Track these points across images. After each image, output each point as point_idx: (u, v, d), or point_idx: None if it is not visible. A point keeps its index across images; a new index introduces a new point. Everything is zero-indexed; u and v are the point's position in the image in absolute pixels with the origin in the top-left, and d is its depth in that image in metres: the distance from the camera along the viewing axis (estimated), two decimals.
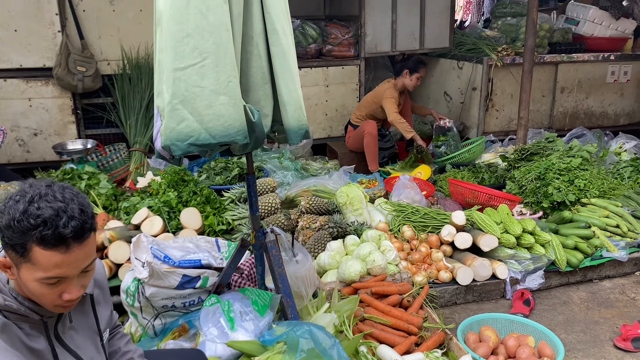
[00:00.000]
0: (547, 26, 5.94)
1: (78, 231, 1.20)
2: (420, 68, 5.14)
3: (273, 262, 2.22)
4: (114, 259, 2.92)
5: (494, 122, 5.81)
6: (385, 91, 5.07)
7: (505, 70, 5.64)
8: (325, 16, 6.70)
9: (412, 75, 5.10)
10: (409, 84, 5.14)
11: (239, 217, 3.49)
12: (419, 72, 5.13)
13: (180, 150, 1.78)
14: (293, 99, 1.95)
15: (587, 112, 6.14)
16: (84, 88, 4.78)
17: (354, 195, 3.58)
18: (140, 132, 4.94)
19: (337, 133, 5.86)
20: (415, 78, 5.13)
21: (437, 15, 5.98)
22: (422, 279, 3.02)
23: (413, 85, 5.16)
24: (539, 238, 3.31)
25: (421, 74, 5.17)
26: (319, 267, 3.10)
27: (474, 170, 4.60)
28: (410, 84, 5.15)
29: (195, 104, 1.74)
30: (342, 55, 5.76)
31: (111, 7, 4.84)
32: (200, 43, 1.72)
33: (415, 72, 5.10)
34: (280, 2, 1.90)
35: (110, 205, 3.66)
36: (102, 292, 1.56)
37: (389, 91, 5.05)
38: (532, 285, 3.20)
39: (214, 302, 2.24)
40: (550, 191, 3.82)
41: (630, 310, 3.08)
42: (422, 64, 5.17)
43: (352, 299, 2.61)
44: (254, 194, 2.23)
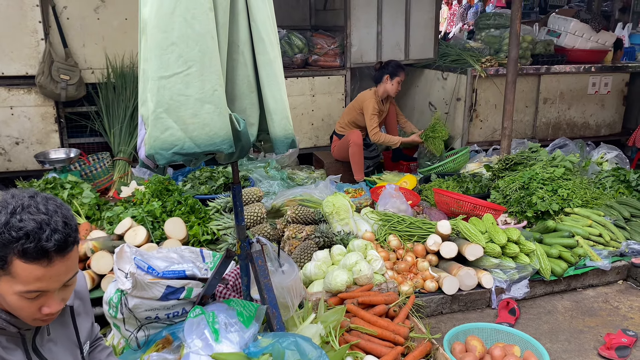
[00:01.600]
0: (529, 38, 6.03)
1: (61, 244, 1.17)
2: (400, 72, 5.12)
3: (259, 272, 2.20)
4: (97, 269, 2.87)
5: (478, 132, 5.86)
6: (367, 103, 5.03)
7: (489, 81, 5.71)
8: (312, 26, 6.73)
9: (393, 79, 5.09)
10: (390, 90, 5.13)
11: (224, 227, 3.46)
12: (399, 76, 5.11)
13: (164, 159, 1.76)
14: (279, 108, 1.95)
15: (569, 122, 6.23)
16: (68, 96, 4.73)
17: (340, 204, 3.58)
18: (125, 141, 4.89)
19: (324, 142, 5.86)
20: (396, 82, 5.11)
21: (421, 27, 6.04)
22: (408, 289, 3.02)
23: (395, 90, 5.15)
24: (524, 247, 3.34)
25: (401, 77, 5.14)
26: (305, 277, 3.08)
27: (459, 179, 4.63)
28: (392, 89, 5.14)
29: (180, 112, 1.73)
30: (328, 65, 5.79)
31: (96, 15, 4.81)
32: (185, 51, 1.71)
33: (395, 76, 5.09)
34: (267, 11, 1.90)
35: (94, 215, 3.60)
36: (83, 304, 1.52)
37: (370, 104, 5.01)
38: (517, 294, 3.21)
39: (199, 313, 2.21)
40: (534, 200, 3.86)
41: (614, 318, 3.11)
42: (401, 68, 5.14)
43: (338, 309, 2.60)
44: (240, 203, 2.21)
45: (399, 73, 5.10)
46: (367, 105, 5.03)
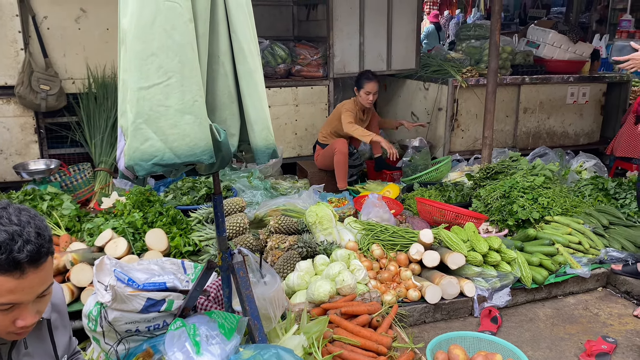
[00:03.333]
0: (509, 49, 6.13)
1: (34, 255, 1.15)
2: (364, 82, 4.97)
3: (240, 283, 2.18)
4: (76, 282, 2.83)
5: (460, 141, 5.92)
6: (344, 105, 5.08)
7: (470, 91, 5.78)
8: (294, 37, 6.76)
9: (359, 91, 5.03)
10: (362, 101, 5.04)
11: (206, 238, 3.44)
12: (365, 87, 4.96)
13: (144, 170, 1.75)
14: (260, 118, 1.95)
15: (549, 132, 6.33)
16: (48, 107, 4.67)
17: (324, 214, 3.58)
18: (106, 152, 4.85)
19: (307, 152, 5.87)
20: (364, 93, 4.98)
21: (403, 38, 6.11)
22: (391, 298, 3.02)
23: (365, 101, 5.03)
24: (505, 255, 3.37)
25: (369, 88, 4.96)
26: (288, 288, 3.07)
27: (441, 188, 4.66)
28: (363, 101, 5.03)
29: (159, 123, 1.72)
30: (311, 75, 5.81)
31: (77, 25, 4.78)
32: (165, 62, 1.70)
33: (361, 88, 4.99)
34: (247, 22, 1.90)
35: (74, 227, 3.56)
36: (61, 317, 1.50)
37: (347, 104, 5.05)
38: (499, 302, 3.23)
39: (179, 325, 2.19)
40: (515, 209, 3.90)
41: (594, 325, 3.15)
42: (366, 79, 4.98)
43: (321, 320, 2.59)
44: (221, 214, 2.20)
45: (363, 84, 4.98)
46: (344, 107, 5.03)
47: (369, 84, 4.97)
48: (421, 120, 6.10)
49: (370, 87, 4.98)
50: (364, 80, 4.99)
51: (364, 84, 4.99)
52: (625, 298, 3.47)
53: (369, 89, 4.98)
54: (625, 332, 3.08)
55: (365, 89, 4.98)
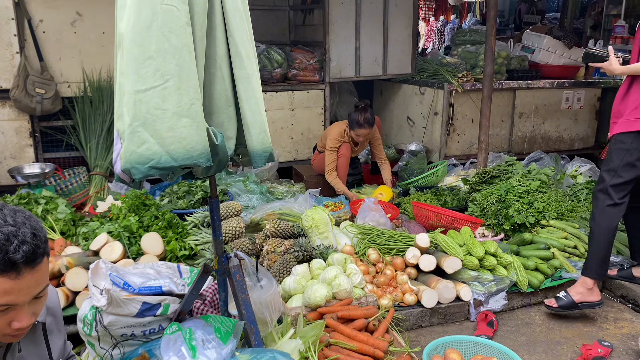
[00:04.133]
0: (504, 54, 6.16)
1: (29, 256, 1.14)
2: (355, 128, 4.75)
3: (236, 287, 2.18)
4: (71, 286, 2.81)
5: (456, 146, 5.94)
6: (332, 130, 4.89)
7: (466, 96, 5.80)
8: (291, 41, 6.77)
9: (351, 131, 4.83)
10: (354, 138, 4.86)
11: (202, 242, 3.43)
12: (354, 131, 4.78)
13: (140, 173, 1.74)
14: (257, 122, 1.95)
15: (544, 136, 6.35)
16: (43, 110, 4.65)
17: (320, 218, 3.58)
18: (101, 156, 4.83)
19: (303, 156, 5.87)
20: (354, 135, 4.81)
21: (399, 43, 6.13)
22: (387, 302, 3.02)
23: (357, 140, 4.86)
24: (501, 260, 3.37)
25: (358, 132, 4.75)
26: (284, 292, 3.06)
27: (437, 193, 4.67)
28: (355, 138, 4.86)
29: (156, 126, 1.72)
30: (307, 79, 5.82)
31: (72, 28, 4.77)
32: (162, 65, 1.70)
33: (352, 130, 4.82)
34: (244, 26, 1.91)
35: (69, 231, 3.54)
36: (55, 321, 1.49)
37: (334, 132, 4.85)
38: (495, 306, 3.23)
39: (175, 330, 2.18)
40: (510, 213, 3.91)
41: (590, 329, 3.15)
42: (357, 124, 4.72)
43: (317, 324, 2.58)
44: (217, 217, 2.20)
45: (354, 128, 4.77)
46: (330, 134, 4.87)
47: (360, 130, 4.77)
48: (417, 125, 6.12)
49: (360, 132, 4.78)
50: (355, 125, 4.75)
51: (354, 127, 4.77)
52: (620, 302, 3.48)
53: (359, 133, 4.79)
54: (621, 336, 3.08)
55: (356, 133, 4.80)
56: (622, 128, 3.01)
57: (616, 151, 3.03)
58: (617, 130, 3.04)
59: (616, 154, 3.03)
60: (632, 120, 2.97)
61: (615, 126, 3.07)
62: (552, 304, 3.25)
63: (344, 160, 4.88)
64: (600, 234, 3.10)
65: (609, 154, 3.09)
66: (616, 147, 3.04)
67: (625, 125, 2.99)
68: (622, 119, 3.01)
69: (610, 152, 3.08)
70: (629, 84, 3.03)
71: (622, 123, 3.02)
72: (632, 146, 2.97)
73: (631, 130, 2.96)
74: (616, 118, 3.08)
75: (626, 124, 2.99)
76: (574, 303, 3.18)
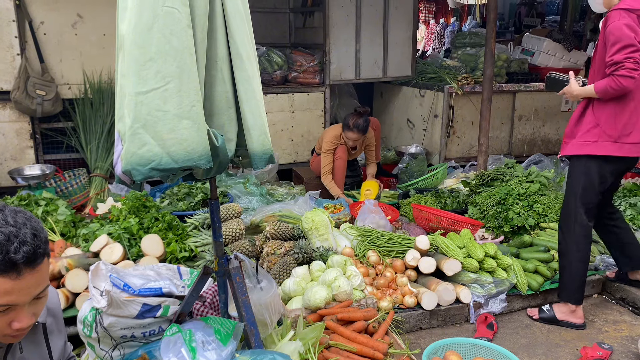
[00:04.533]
0: (504, 56, 6.17)
1: (30, 256, 1.15)
2: (346, 130, 4.78)
3: (236, 289, 2.18)
4: (71, 287, 2.81)
5: (456, 148, 5.95)
6: (328, 133, 4.93)
7: (466, 98, 5.81)
8: (291, 44, 6.79)
9: (343, 132, 4.85)
10: (346, 141, 4.88)
11: (202, 244, 3.43)
12: (344, 133, 4.81)
13: (141, 175, 1.74)
14: (257, 124, 1.96)
15: (544, 139, 6.36)
16: (44, 112, 4.66)
17: (320, 220, 3.58)
18: (102, 157, 4.84)
19: (303, 158, 5.88)
20: (345, 137, 4.83)
21: (399, 45, 6.14)
22: (387, 305, 3.02)
23: (350, 143, 4.87)
24: (501, 262, 3.37)
25: (346, 135, 4.79)
26: (284, 294, 3.06)
27: (437, 195, 4.67)
28: (347, 141, 4.87)
29: (157, 128, 1.72)
30: (307, 82, 5.83)
31: (73, 30, 4.78)
32: (163, 67, 1.71)
33: (343, 131, 4.85)
34: (245, 28, 1.91)
35: (69, 232, 3.54)
36: (56, 321, 1.49)
37: (329, 135, 4.88)
38: (495, 309, 3.24)
39: (175, 331, 2.18)
40: (510, 216, 3.91)
41: (590, 332, 3.15)
42: (347, 128, 4.76)
43: (317, 326, 2.58)
44: (217, 219, 2.20)
45: (344, 130, 4.80)
46: (326, 136, 4.90)
47: (348, 133, 4.79)
48: (417, 127, 6.13)
49: (348, 135, 4.80)
50: (345, 127, 4.80)
51: (344, 129, 4.82)
52: (620, 305, 3.48)
53: (348, 136, 4.81)
54: (620, 338, 3.08)
55: (345, 135, 4.83)
56: (573, 150, 2.97)
57: (575, 175, 3.01)
58: (567, 152, 3.01)
59: (575, 178, 3.00)
60: (582, 144, 2.92)
61: (566, 147, 3.02)
62: (534, 314, 3.28)
63: (340, 162, 4.89)
64: (574, 259, 3.06)
65: (569, 178, 3.05)
66: (574, 171, 3.01)
67: (576, 148, 2.95)
68: (574, 141, 2.97)
69: (570, 177, 3.04)
70: (585, 106, 2.97)
71: (573, 145, 2.97)
72: (587, 169, 2.94)
73: (581, 153, 2.93)
74: (568, 139, 3.03)
75: (577, 147, 2.95)
76: (555, 319, 3.20)
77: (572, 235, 3.05)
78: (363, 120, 4.77)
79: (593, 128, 2.90)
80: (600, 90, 2.82)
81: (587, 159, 2.94)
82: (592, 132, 2.90)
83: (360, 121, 4.75)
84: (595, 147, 2.89)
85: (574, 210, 3.03)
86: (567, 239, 3.08)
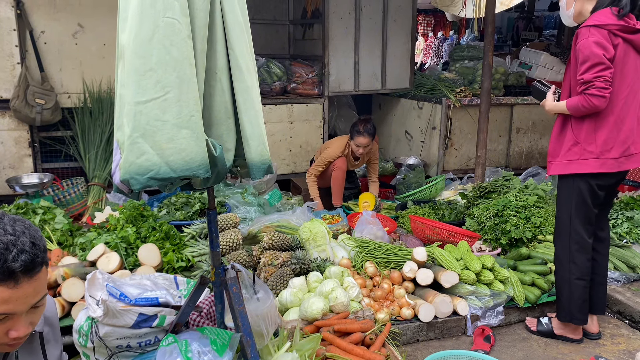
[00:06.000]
0: (502, 70, 6.21)
1: (28, 265, 1.15)
2: (355, 136, 4.79)
3: (233, 299, 2.17)
4: (68, 297, 2.80)
5: (453, 160, 5.96)
6: (330, 144, 5.02)
7: (463, 111, 5.84)
8: (290, 55, 6.83)
9: (351, 140, 4.87)
10: (354, 150, 4.89)
11: (199, 254, 3.43)
12: (354, 140, 4.81)
13: (139, 184, 1.75)
14: (256, 134, 1.96)
15: (541, 152, 6.38)
16: (43, 121, 4.67)
17: (317, 231, 3.58)
18: (100, 167, 4.84)
19: (301, 169, 5.89)
20: (354, 145, 4.83)
21: (398, 58, 6.18)
22: (384, 316, 3.01)
23: (356, 152, 4.87)
24: (498, 274, 3.37)
25: (357, 142, 4.78)
26: (281, 305, 3.06)
27: (435, 207, 4.68)
28: (355, 150, 4.88)
29: (156, 137, 1.73)
30: (306, 93, 5.86)
31: (74, 40, 4.81)
32: (163, 77, 1.72)
33: (352, 139, 4.86)
34: (244, 39, 1.93)
35: (66, 241, 3.53)
36: (53, 331, 1.49)
37: (331, 147, 4.95)
38: (492, 321, 3.23)
39: (171, 341, 2.17)
40: (508, 228, 3.92)
41: (587, 345, 3.14)
42: (357, 132, 4.77)
43: (314, 337, 2.58)
44: (215, 229, 2.20)
45: (354, 137, 4.81)
46: (332, 146, 4.95)
47: (359, 139, 4.79)
48: (415, 139, 6.15)
49: (359, 141, 4.79)
50: (355, 133, 4.80)
51: (354, 136, 4.82)
52: (617, 318, 3.48)
53: (359, 142, 4.80)
54: (617, 352, 3.08)
55: (355, 142, 4.82)
56: (558, 170, 2.94)
57: (565, 194, 2.96)
58: (553, 172, 2.97)
59: (566, 197, 2.95)
60: (566, 163, 2.89)
61: (552, 166, 2.99)
62: (532, 325, 3.26)
63: (339, 173, 4.90)
64: (573, 279, 2.99)
65: (559, 197, 3.00)
66: (564, 191, 2.97)
67: (561, 167, 2.92)
68: (558, 160, 2.93)
69: (560, 196, 3.00)
70: (562, 122, 2.94)
71: (557, 165, 2.94)
72: (577, 187, 2.90)
73: (567, 173, 2.90)
74: (552, 157, 2.98)
75: (561, 167, 2.92)
76: (553, 333, 3.18)
77: (567, 253, 2.98)
78: (371, 125, 4.83)
79: (573, 146, 2.86)
80: (572, 107, 2.79)
81: (574, 178, 2.90)
82: (572, 150, 2.86)
83: (369, 126, 4.80)
84: (578, 165, 2.85)
85: (568, 228, 2.96)
86: (562, 257, 3.02)
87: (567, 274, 3.01)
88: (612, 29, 2.68)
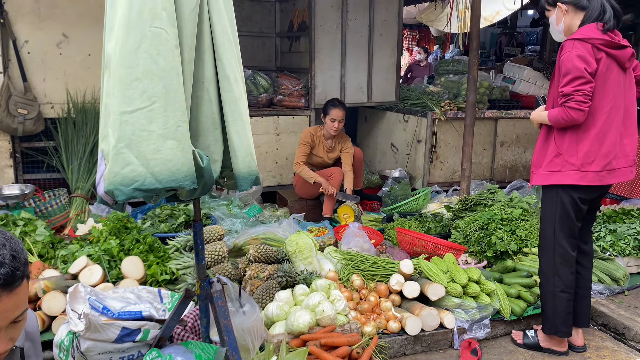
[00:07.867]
0: (486, 84, 6.29)
1: (8, 279, 1.11)
2: (329, 108, 4.97)
3: (219, 313, 2.14)
4: (48, 310, 2.74)
5: (439, 173, 6.00)
6: (303, 134, 5.14)
7: (449, 124, 5.89)
8: (277, 68, 6.85)
9: (325, 117, 5.03)
10: (327, 127, 5.04)
11: (183, 267, 3.38)
12: (329, 114, 4.97)
13: (124, 195, 1.72)
14: (243, 145, 1.95)
15: (525, 165, 6.45)
16: (25, 131, 4.61)
17: (304, 243, 3.56)
18: (83, 178, 4.77)
19: (287, 181, 5.88)
20: (328, 120, 4.98)
21: (383, 71, 6.23)
22: (371, 330, 2.99)
23: (330, 127, 5.01)
24: (484, 287, 3.37)
25: (332, 115, 4.94)
26: (267, 318, 3.02)
27: (421, 219, 4.69)
28: (328, 127, 5.03)
29: (141, 147, 1.71)
30: (292, 105, 5.87)
31: (58, 50, 4.76)
32: (149, 87, 1.70)
33: (326, 114, 5.01)
34: (232, 50, 1.92)
35: (47, 254, 3.47)
36: (34, 346, 1.44)
37: (305, 134, 5.11)
38: (478, 334, 3.22)
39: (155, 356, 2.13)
40: (493, 240, 3.94)
41: (572, 358, 3.15)
42: (332, 105, 4.98)
43: (300, 351, 2.54)
44: (201, 241, 2.17)
45: (328, 110, 4.98)
46: (301, 138, 5.11)
47: (334, 111, 4.95)
48: (401, 152, 6.18)
49: (334, 113, 4.94)
50: (329, 106, 4.99)
51: (329, 110, 4.98)
52: (602, 330, 3.50)
53: (334, 115, 4.95)
54: None
55: (330, 116, 4.96)
56: (540, 180, 2.96)
57: (548, 206, 2.98)
58: (536, 182, 3.00)
59: (550, 209, 2.97)
60: (548, 174, 2.92)
61: (534, 176, 3.01)
62: (518, 338, 3.26)
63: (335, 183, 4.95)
64: (557, 292, 3.00)
65: (543, 209, 3.02)
66: (547, 202, 2.99)
67: (543, 178, 2.94)
68: (541, 171, 2.96)
69: (544, 207, 3.01)
70: (546, 133, 2.96)
71: (540, 175, 2.96)
72: (559, 198, 2.92)
73: (548, 183, 2.93)
74: (536, 168, 3.01)
75: (544, 177, 2.94)
76: (539, 346, 3.18)
77: (552, 266, 2.99)
78: (339, 100, 5.08)
79: (555, 157, 2.89)
80: (552, 118, 2.83)
81: (557, 189, 2.92)
82: (554, 161, 2.89)
83: (337, 100, 5.06)
84: (560, 176, 2.88)
85: (552, 241, 2.98)
86: (547, 270, 3.03)
87: (552, 287, 3.01)
88: (596, 43, 2.72)
